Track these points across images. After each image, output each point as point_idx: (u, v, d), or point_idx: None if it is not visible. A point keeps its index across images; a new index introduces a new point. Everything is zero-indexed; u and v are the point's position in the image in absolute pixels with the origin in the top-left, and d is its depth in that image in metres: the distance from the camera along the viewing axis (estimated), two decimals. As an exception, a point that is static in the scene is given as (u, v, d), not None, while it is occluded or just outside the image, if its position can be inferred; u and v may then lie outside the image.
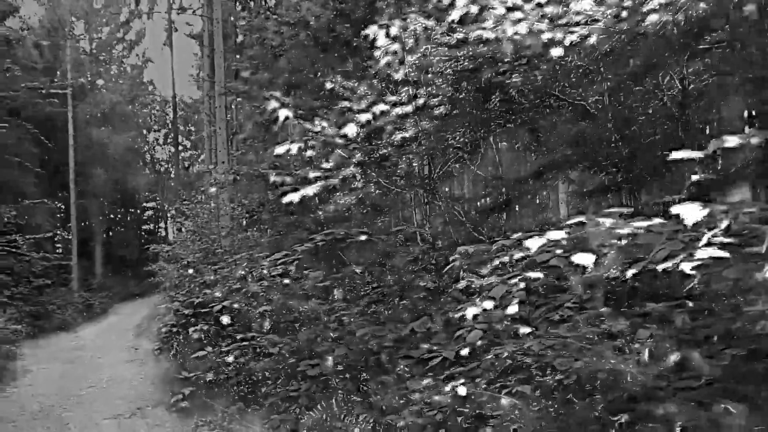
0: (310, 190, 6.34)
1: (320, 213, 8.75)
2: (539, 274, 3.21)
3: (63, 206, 28.89)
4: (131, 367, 11.43)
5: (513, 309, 3.24)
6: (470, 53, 5.89)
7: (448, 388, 3.71)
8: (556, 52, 5.23)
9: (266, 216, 8.96)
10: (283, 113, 5.57)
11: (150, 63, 30.62)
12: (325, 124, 5.69)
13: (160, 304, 23.81)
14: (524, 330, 3.50)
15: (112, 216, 36.15)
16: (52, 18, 27.82)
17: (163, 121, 40.15)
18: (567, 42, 5.09)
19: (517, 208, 7.42)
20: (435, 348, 3.82)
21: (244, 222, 12.68)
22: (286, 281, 5.53)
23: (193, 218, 13.23)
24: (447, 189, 7.07)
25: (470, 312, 3.15)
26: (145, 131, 37.56)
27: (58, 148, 26.50)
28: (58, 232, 22.97)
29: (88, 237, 29.86)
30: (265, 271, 6.19)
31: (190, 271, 9.37)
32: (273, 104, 5.52)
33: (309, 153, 6.03)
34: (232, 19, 22.81)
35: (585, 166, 7.25)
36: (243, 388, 5.95)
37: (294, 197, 6.30)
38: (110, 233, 35.24)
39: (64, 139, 25.67)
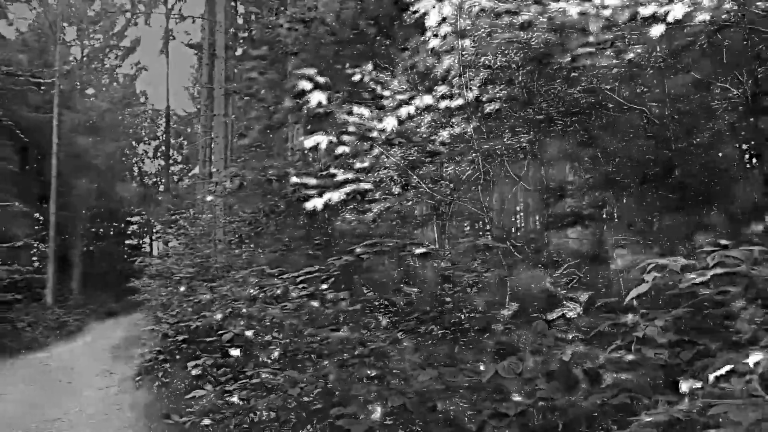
0: (336, 195, 5.26)
1: (338, 223, 7.65)
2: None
3: (42, 217, 27.37)
4: (106, 395, 10.06)
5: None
6: (538, 37, 4.92)
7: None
8: (657, 30, 4.26)
9: (272, 228, 7.83)
10: (316, 97, 4.50)
11: (144, 71, 29.45)
12: (365, 112, 4.63)
13: (141, 324, 22.34)
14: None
15: (93, 229, 34.49)
16: (42, 22, 26.70)
17: (153, 134, 38.87)
18: (670, 18, 4.13)
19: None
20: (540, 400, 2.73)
21: (240, 236, 11.52)
22: (314, 303, 4.41)
23: (184, 231, 11.99)
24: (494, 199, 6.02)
25: (752, 359, 2.01)
26: (134, 143, 36.20)
27: (40, 155, 25.16)
28: (35, 243, 21.44)
29: (67, 250, 28.26)
30: (278, 291, 5.03)
31: (182, 288, 8.14)
32: (304, 85, 4.46)
33: (341, 149, 4.95)
34: (233, 30, 21.91)
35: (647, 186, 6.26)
36: (245, 434, 4.76)
37: (318, 203, 5.21)
38: (90, 247, 33.55)
39: (48, 146, 24.30)
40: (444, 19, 5.08)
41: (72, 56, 28.26)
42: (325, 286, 4.60)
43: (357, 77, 5.73)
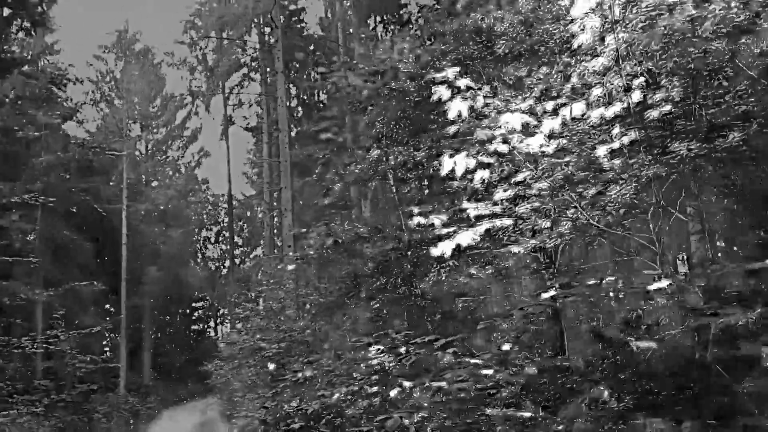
0: (469, 236, 4.17)
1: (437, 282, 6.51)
2: None
3: (113, 308, 27.26)
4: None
5: None
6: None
7: None
8: None
9: (363, 294, 6.76)
10: (456, 107, 3.52)
11: (207, 157, 29.88)
12: (517, 120, 3.59)
13: (214, 409, 21.22)
14: None
15: (161, 316, 34.28)
16: (109, 121, 27.71)
17: (214, 219, 39.27)
18: None
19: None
20: None
21: (317, 309, 10.46)
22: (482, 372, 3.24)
23: (260, 308, 11.02)
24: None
25: None
26: (196, 229, 36.52)
27: (111, 248, 25.31)
28: (107, 332, 21.01)
29: (137, 337, 27.89)
30: (411, 359, 3.87)
31: (271, 366, 7.04)
32: (442, 93, 3.50)
33: (480, 175, 3.90)
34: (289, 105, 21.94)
35: None
36: None
37: (447, 247, 4.13)
38: (159, 334, 33.21)
39: (118, 236, 24.45)
40: (593, 9, 4.11)
41: (138, 150, 29.05)
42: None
43: (466, 105, 4.75)
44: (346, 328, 7.34)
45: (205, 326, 41.02)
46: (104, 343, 25.99)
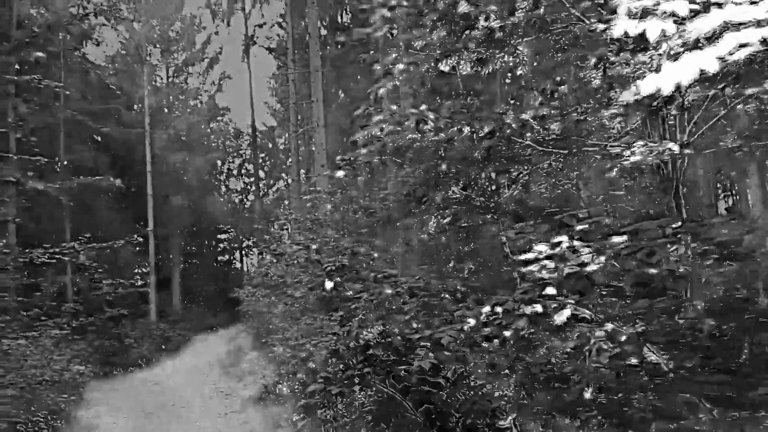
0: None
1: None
2: None
3: (141, 238, 26.49)
4: (229, 426, 7.95)
5: None
6: None
7: None
8: None
9: (438, 199, 5.40)
10: None
11: (228, 79, 28.13)
12: None
13: (243, 336, 20.69)
14: None
15: (188, 247, 33.69)
16: (128, 45, 26.03)
17: (236, 152, 37.97)
18: None
19: None
20: None
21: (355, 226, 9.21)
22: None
23: (309, 219, 9.79)
24: None
25: None
26: (219, 161, 35.31)
27: (135, 175, 24.29)
28: (135, 255, 20.30)
29: (167, 267, 27.37)
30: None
31: (329, 284, 5.76)
32: None
33: None
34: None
35: None
36: None
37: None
38: (186, 264, 32.71)
39: (142, 165, 23.33)
40: None
41: (158, 76, 27.47)
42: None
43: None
44: (397, 252, 6.14)
45: (231, 258, 40.61)
46: (135, 272, 25.42)
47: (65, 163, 20.64)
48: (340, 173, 7.05)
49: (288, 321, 8.88)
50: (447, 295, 4.17)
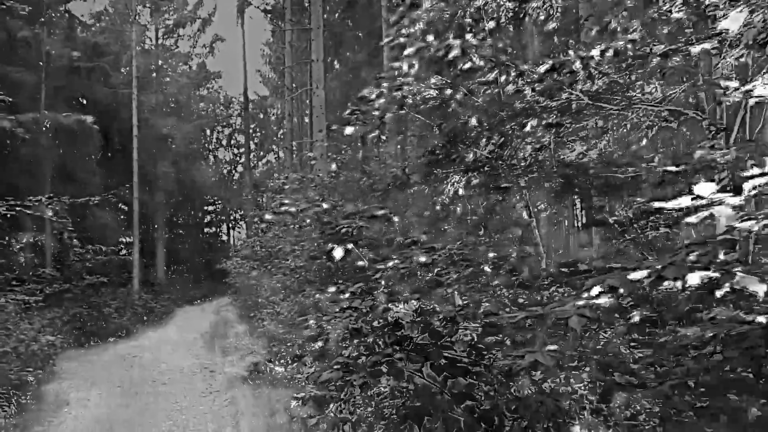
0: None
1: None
2: None
3: (125, 206, 25.30)
4: (213, 407, 7.16)
5: None
6: None
7: None
8: None
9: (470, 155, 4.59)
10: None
11: (220, 41, 26.68)
12: None
13: (228, 309, 19.86)
14: None
15: (174, 217, 32.54)
16: (116, 2, 24.57)
17: (227, 122, 36.68)
18: None
19: None
20: None
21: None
22: None
23: (304, 186, 8.91)
24: None
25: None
26: (208, 130, 34.00)
27: (121, 139, 23.08)
28: (119, 224, 19.24)
29: (151, 236, 26.27)
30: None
31: (338, 253, 4.94)
32: None
33: None
34: None
35: None
36: None
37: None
38: (172, 234, 31.63)
39: (128, 128, 22.10)
40: None
41: (147, 37, 26.07)
42: None
43: None
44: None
45: (218, 230, 39.54)
46: (119, 240, 24.32)
47: (48, 125, 19.40)
48: (349, 129, 6.16)
49: (282, 294, 8.07)
50: (488, 267, 3.39)
